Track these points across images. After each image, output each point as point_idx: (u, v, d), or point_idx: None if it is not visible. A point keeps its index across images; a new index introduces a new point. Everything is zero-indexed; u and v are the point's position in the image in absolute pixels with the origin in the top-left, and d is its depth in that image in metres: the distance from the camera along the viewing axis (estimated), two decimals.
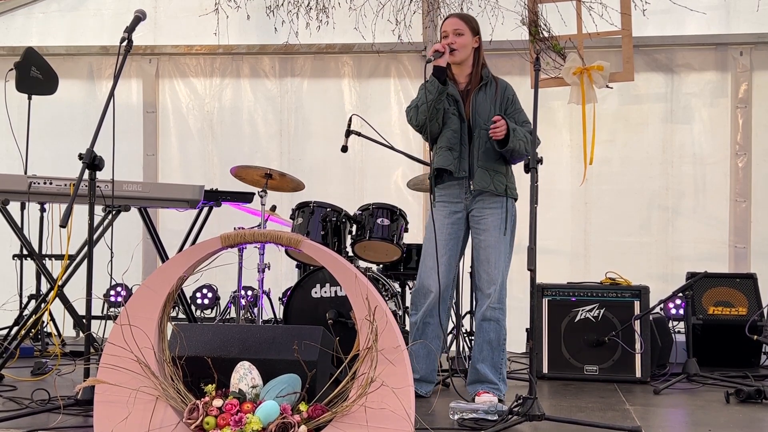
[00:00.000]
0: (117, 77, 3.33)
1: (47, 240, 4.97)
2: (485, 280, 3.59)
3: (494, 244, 3.60)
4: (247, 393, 2.62)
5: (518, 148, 3.54)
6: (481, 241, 3.63)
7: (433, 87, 3.51)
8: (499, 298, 3.59)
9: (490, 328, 3.59)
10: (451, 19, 3.67)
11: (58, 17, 6.33)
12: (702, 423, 3.29)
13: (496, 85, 3.71)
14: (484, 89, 3.68)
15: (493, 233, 3.61)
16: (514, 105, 3.72)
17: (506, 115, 3.64)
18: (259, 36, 6.11)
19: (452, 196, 3.68)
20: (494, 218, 3.62)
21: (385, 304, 2.63)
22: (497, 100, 3.68)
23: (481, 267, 3.62)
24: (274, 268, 5.35)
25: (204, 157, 6.21)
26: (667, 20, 5.64)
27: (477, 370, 3.61)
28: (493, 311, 3.57)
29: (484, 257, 3.61)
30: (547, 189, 5.37)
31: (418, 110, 3.59)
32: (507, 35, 5.56)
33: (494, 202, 3.64)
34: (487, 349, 3.60)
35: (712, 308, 4.79)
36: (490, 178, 3.62)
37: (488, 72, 3.73)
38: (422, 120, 3.58)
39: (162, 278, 2.75)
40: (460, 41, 3.61)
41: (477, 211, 3.66)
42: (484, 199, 3.65)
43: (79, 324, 4.85)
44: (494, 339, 3.60)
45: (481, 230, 3.64)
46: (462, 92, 3.69)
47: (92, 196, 3.32)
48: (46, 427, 2.97)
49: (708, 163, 5.67)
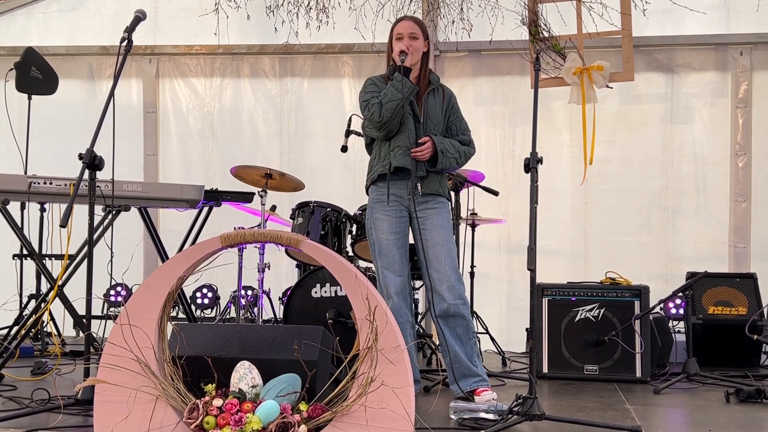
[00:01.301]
0: (117, 77, 3.33)
1: (47, 240, 4.97)
2: (436, 279, 3.60)
3: (442, 241, 3.62)
4: (247, 393, 2.62)
5: (449, 166, 3.68)
6: (428, 240, 3.64)
7: (406, 87, 3.54)
8: (459, 293, 3.59)
9: (456, 324, 3.61)
10: (407, 23, 3.72)
11: (58, 17, 6.34)
12: (702, 423, 3.29)
13: (443, 91, 3.80)
14: (433, 94, 3.75)
15: (440, 231, 3.63)
16: (457, 113, 3.82)
17: (449, 122, 3.77)
18: (259, 36, 6.11)
19: (398, 195, 3.67)
20: (440, 217, 3.66)
21: (384, 304, 2.63)
22: (444, 106, 3.76)
23: (430, 266, 3.62)
24: (274, 267, 5.36)
25: (204, 157, 6.22)
26: (667, 20, 5.64)
27: (457, 367, 3.60)
28: (456, 308, 3.58)
29: (433, 255, 3.61)
30: (547, 189, 5.38)
31: (383, 107, 3.56)
32: (507, 35, 5.56)
33: (438, 203, 3.69)
34: (458, 344, 3.61)
35: (712, 308, 4.79)
36: (438, 182, 3.70)
37: (437, 77, 3.82)
38: (387, 117, 3.56)
39: (162, 278, 2.75)
40: (415, 45, 3.68)
41: (422, 212, 3.66)
42: (428, 200, 3.68)
43: (79, 324, 4.85)
44: (463, 333, 3.62)
45: (427, 229, 3.65)
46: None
47: (92, 196, 3.33)
48: (46, 427, 2.97)
49: (708, 163, 5.67)
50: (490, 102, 5.91)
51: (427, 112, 3.69)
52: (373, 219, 3.69)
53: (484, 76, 5.93)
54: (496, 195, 4.77)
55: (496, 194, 4.77)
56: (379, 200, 3.67)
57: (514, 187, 5.75)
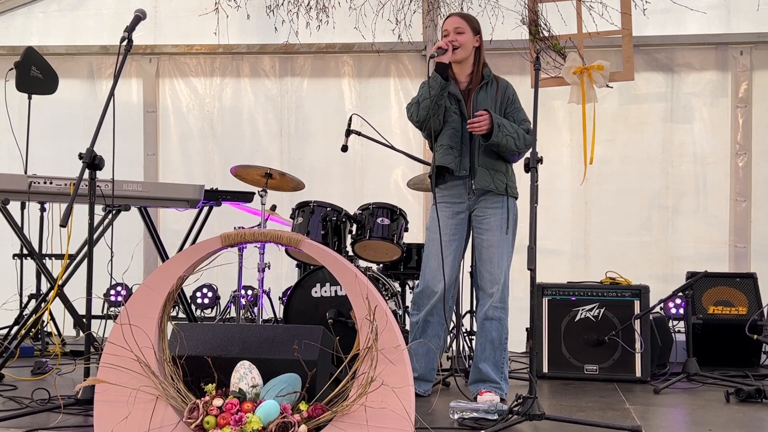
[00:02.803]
0: (117, 77, 3.33)
1: (47, 240, 4.97)
2: (488, 280, 3.60)
3: (497, 243, 3.60)
4: (247, 392, 2.62)
5: (506, 143, 3.54)
6: (484, 240, 3.64)
7: (436, 82, 3.51)
8: (502, 297, 3.60)
9: (493, 328, 3.60)
10: (453, 18, 3.69)
11: (58, 17, 6.34)
12: (702, 422, 3.29)
13: (497, 84, 3.72)
14: (485, 88, 3.69)
15: (495, 233, 3.61)
16: (514, 104, 3.73)
17: (506, 114, 3.67)
18: (259, 36, 6.10)
19: (455, 196, 3.68)
20: (496, 218, 3.63)
21: (385, 304, 2.63)
22: (498, 99, 3.69)
23: (483, 267, 3.62)
24: (274, 267, 5.35)
25: (204, 156, 6.21)
26: (667, 20, 5.64)
27: (479, 370, 3.62)
28: (495, 310, 3.58)
29: (487, 257, 3.61)
30: (548, 188, 5.37)
31: (420, 106, 3.59)
32: (507, 35, 5.56)
33: (496, 202, 3.65)
34: (489, 349, 3.61)
35: (712, 308, 4.79)
36: (491, 177, 3.63)
37: (489, 71, 3.75)
38: (423, 116, 3.57)
39: (162, 278, 2.75)
40: (461, 39, 3.62)
41: (479, 211, 3.66)
42: (486, 199, 3.65)
43: (79, 323, 4.85)
44: (496, 338, 3.61)
45: (483, 230, 3.64)
46: (463, 92, 3.69)
47: (92, 195, 3.32)
48: (46, 427, 2.97)
49: (708, 163, 5.67)
50: None
51: (477, 108, 3.62)
52: (430, 218, 3.68)
53: None
54: None
55: None
56: (439, 201, 3.67)
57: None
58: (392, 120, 6.00)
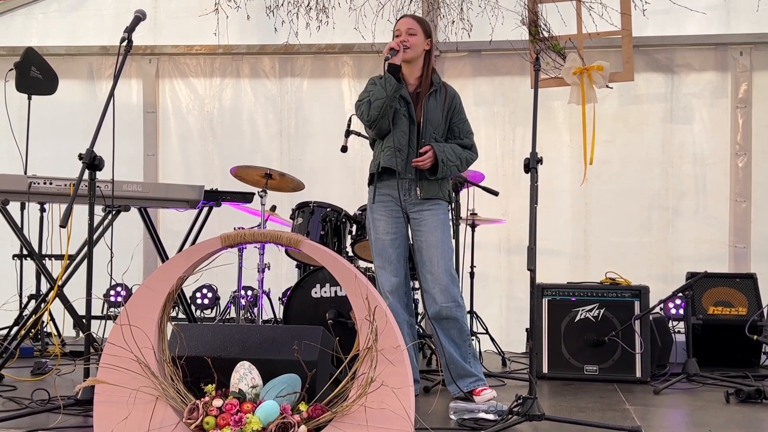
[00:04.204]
0: (117, 77, 3.33)
1: (47, 240, 4.97)
2: (430, 281, 3.60)
3: (437, 243, 3.61)
4: (247, 393, 2.62)
5: (448, 174, 3.66)
6: (423, 242, 3.64)
7: (390, 84, 3.52)
8: (452, 296, 3.59)
9: (450, 326, 3.61)
10: (406, 20, 3.73)
11: (58, 17, 6.34)
12: (702, 423, 3.29)
13: (446, 91, 3.76)
14: (434, 95, 3.72)
15: (435, 233, 3.62)
16: (460, 114, 3.79)
17: (451, 124, 3.74)
18: (259, 36, 6.10)
19: (394, 196, 3.65)
20: (434, 218, 3.65)
21: (384, 304, 2.63)
22: (445, 107, 3.73)
23: (424, 268, 3.62)
24: (274, 268, 5.36)
25: (204, 157, 6.21)
26: (667, 20, 5.64)
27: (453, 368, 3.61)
28: (449, 310, 3.58)
29: (427, 257, 3.61)
30: (547, 189, 5.37)
31: (372, 105, 3.59)
32: (507, 35, 5.56)
33: (433, 204, 3.68)
34: (452, 346, 3.62)
35: (712, 308, 4.79)
36: (438, 187, 3.69)
37: (438, 78, 3.78)
38: (374, 115, 3.58)
39: (162, 278, 2.75)
40: (412, 40, 3.65)
41: (416, 213, 3.67)
42: (423, 202, 3.67)
43: (79, 324, 4.85)
44: (456, 335, 3.62)
45: (422, 231, 3.65)
46: (412, 94, 3.71)
47: (92, 196, 3.32)
48: (46, 427, 2.97)
49: (708, 163, 5.67)
50: (490, 102, 5.90)
51: (427, 114, 3.67)
52: (371, 219, 3.70)
53: (484, 76, 5.93)
54: (496, 195, 4.78)
55: (496, 194, 4.77)
56: (374, 200, 3.68)
57: (514, 187, 5.75)
58: None
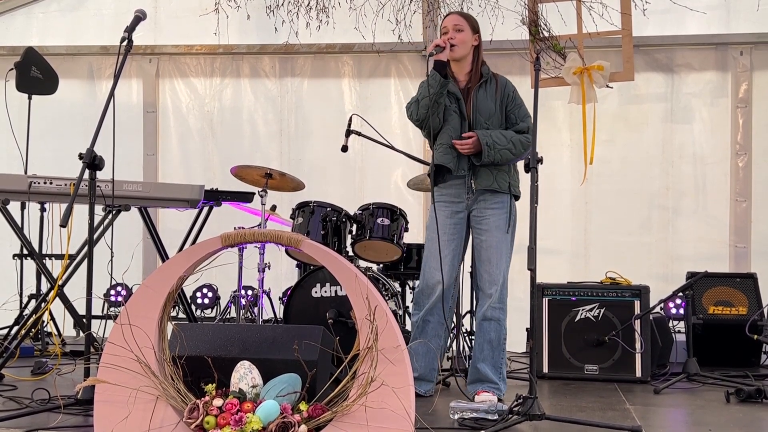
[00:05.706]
0: (117, 77, 3.33)
1: (47, 240, 4.97)
2: (486, 280, 3.60)
3: (496, 244, 3.60)
4: (247, 392, 2.62)
5: (500, 158, 3.56)
6: (483, 241, 3.63)
7: (435, 81, 3.50)
8: (500, 297, 3.59)
9: (491, 328, 3.60)
10: (452, 16, 3.71)
11: (58, 17, 6.33)
12: (702, 423, 3.29)
13: (496, 81, 3.72)
14: (484, 87, 3.69)
15: (495, 233, 3.61)
16: (515, 101, 3.72)
17: (507, 112, 3.68)
18: (259, 36, 6.11)
19: (453, 195, 3.68)
20: (496, 218, 3.62)
21: (385, 304, 2.63)
22: (498, 97, 3.68)
23: (482, 267, 3.62)
24: (275, 267, 5.35)
25: (204, 156, 6.21)
26: (667, 20, 5.64)
27: (477, 370, 3.62)
28: (494, 311, 3.58)
29: (486, 257, 3.61)
30: (548, 188, 5.36)
31: (419, 104, 3.59)
32: (507, 35, 5.55)
33: (496, 202, 3.64)
34: (487, 349, 3.60)
35: (713, 308, 4.79)
36: (493, 177, 3.62)
37: (488, 69, 3.74)
38: (423, 114, 3.58)
39: (162, 278, 2.75)
40: (459, 37, 3.61)
41: (478, 211, 3.66)
42: (486, 199, 3.64)
43: (79, 324, 4.85)
44: (495, 338, 3.60)
45: (482, 230, 3.64)
46: (462, 90, 3.69)
47: (92, 195, 3.32)
48: (46, 427, 2.97)
49: (708, 163, 5.67)
50: None
51: (477, 106, 3.63)
52: (430, 217, 3.67)
53: None
54: None
55: None
56: (438, 200, 3.65)
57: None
58: (392, 120, 6.00)
